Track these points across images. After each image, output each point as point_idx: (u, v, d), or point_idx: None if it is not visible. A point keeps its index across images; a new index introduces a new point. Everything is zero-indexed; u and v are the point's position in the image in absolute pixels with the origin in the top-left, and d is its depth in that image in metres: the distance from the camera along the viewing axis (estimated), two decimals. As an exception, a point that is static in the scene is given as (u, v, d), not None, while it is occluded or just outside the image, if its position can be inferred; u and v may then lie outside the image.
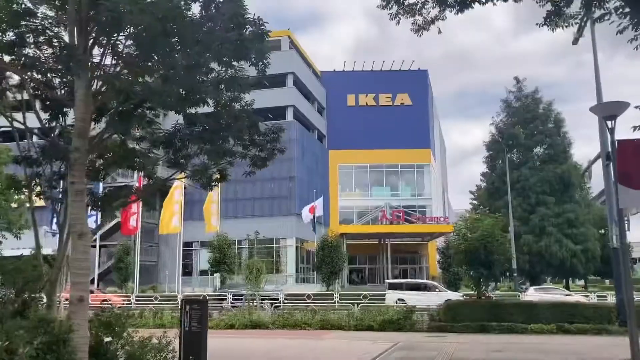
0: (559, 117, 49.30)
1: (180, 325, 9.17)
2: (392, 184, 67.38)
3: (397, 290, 32.25)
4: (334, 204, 64.70)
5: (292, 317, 20.55)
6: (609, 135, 11.59)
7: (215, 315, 21.93)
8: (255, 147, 9.99)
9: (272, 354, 13.62)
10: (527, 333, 18.32)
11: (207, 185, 10.55)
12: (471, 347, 15.20)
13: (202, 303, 9.11)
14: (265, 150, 10.09)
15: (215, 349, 13.76)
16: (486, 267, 19.64)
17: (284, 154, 10.34)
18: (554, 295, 32.32)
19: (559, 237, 44.46)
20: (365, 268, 67.20)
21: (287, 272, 51.96)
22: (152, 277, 53.23)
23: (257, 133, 9.85)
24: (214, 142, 9.63)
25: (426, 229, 58.09)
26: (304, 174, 55.72)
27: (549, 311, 19.15)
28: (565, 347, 15.10)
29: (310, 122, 61.20)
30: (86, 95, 8.58)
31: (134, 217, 46.94)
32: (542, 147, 48.98)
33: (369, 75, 69.26)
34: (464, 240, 20.01)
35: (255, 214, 53.14)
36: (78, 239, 8.23)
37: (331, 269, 43.33)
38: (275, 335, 18.17)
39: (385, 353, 13.59)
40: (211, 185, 10.60)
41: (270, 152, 10.10)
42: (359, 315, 20.64)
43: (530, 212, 46.27)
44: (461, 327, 19.03)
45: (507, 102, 50.79)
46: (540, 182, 46.33)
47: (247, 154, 10.02)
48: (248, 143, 9.88)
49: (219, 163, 10.18)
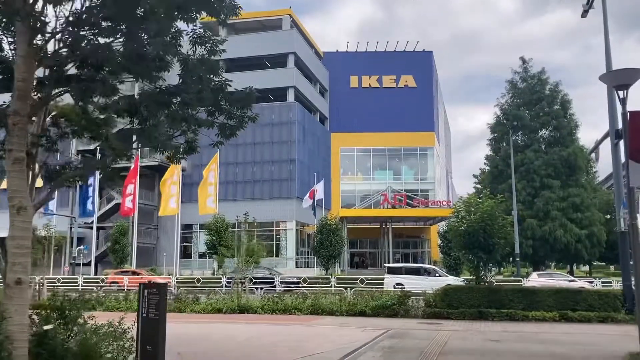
0: (565, 98, 47.91)
1: (138, 311, 8.25)
2: (395, 167, 66.53)
3: (396, 275, 31.54)
4: (336, 187, 63.97)
5: (282, 302, 19.66)
6: (620, 106, 10.51)
7: (203, 299, 21.09)
8: (222, 114, 8.92)
9: (250, 342, 12.71)
10: (528, 321, 17.39)
11: (174, 158, 9.56)
12: (466, 335, 14.27)
13: (161, 287, 8.17)
14: (234, 117, 9.03)
15: (190, 337, 12.94)
16: (486, 251, 18.65)
17: (255, 122, 9.26)
18: (558, 281, 31.40)
19: (563, 222, 43.40)
20: (366, 252, 66.66)
21: (287, 255, 51.49)
22: (151, 259, 52.80)
23: (224, 98, 8.77)
24: (172, 107, 8.60)
25: (428, 212, 57.29)
26: (304, 156, 54.87)
27: (551, 298, 18.15)
28: (568, 337, 14.15)
29: (311, 103, 60.22)
30: (27, 51, 7.60)
31: (130, 198, 46.38)
32: (547, 130, 47.71)
33: (373, 57, 68.04)
34: (463, 222, 19.03)
35: (255, 197, 52.56)
36: (17, 214, 7.29)
37: (330, 253, 42.48)
38: (261, 321, 17.28)
39: (372, 342, 12.66)
40: (178, 157, 9.59)
41: (240, 120, 9.04)
42: (352, 300, 19.70)
43: (535, 196, 45.20)
44: (458, 313, 18.10)
45: (513, 83, 49.43)
46: (545, 165, 45.18)
47: (214, 121, 8.94)
48: (213, 109, 8.79)
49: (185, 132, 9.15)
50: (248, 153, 53.55)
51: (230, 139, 9.52)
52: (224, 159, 52.34)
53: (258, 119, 9.13)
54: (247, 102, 8.80)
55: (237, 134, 9.06)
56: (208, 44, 9.01)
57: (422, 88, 67.16)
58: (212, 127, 8.86)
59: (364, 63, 67.41)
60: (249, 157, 53.47)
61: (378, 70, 67.10)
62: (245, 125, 9.03)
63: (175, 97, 8.48)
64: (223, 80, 8.59)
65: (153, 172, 53.47)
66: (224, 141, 9.17)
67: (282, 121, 53.55)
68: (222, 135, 9.05)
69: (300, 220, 52.44)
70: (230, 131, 8.96)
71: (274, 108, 54.18)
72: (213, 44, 9.06)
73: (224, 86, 8.59)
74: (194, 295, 21.50)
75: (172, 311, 20.10)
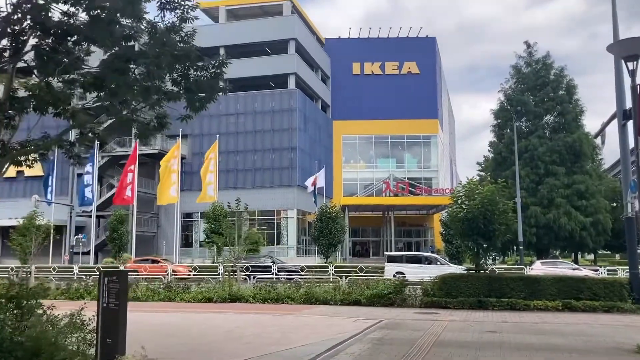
0: (571, 83, 46.90)
1: (98, 300, 7.55)
2: (398, 155, 65.70)
3: (397, 263, 30.88)
4: (338, 175, 63.28)
5: (275, 291, 18.98)
6: (630, 79, 9.68)
7: (194, 288, 20.44)
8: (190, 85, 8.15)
9: (231, 334, 11.98)
10: (529, 310, 16.63)
11: (143, 135, 8.84)
12: (463, 326, 13.53)
13: (121, 274, 7.47)
14: (203, 89, 8.25)
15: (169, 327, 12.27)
16: (485, 238, 17.88)
17: (227, 95, 8.50)
18: (562, 269, 30.66)
19: (568, 209, 42.59)
20: (369, 241, 66.00)
21: (288, 244, 50.98)
22: (152, 247, 52.37)
23: (192, 66, 8.00)
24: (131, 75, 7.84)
25: (430, 200, 56.55)
26: (306, 144, 54.15)
27: (554, 286, 17.34)
28: (571, 328, 13.38)
29: (313, 91, 59.38)
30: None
31: (129, 187, 45.84)
32: (552, 115, 46.78)
33: (376, 43, 67.02)
34: (462, 208, 18.26)
35: (256, 185, 52.00)
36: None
37: (330, 241, 41.75)
38: (251, 310, 16.61)
39: (361, 333, 11.93)
40: (147, 134, 8.86)
41: (211, 92, 8.26)
42: (347, 289, 18.97)
43: (539, 183, 44.38)
44: (456, 302, 17.36)
45: (517, 67, 48.40)
46: (549, 152, 44.31)
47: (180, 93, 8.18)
48: (179, 78, 8.03)
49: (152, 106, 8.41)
50: (249, 141, 52.87)
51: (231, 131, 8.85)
52: (224, 147, 51.78)
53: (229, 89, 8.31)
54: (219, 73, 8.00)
55: (207, 106, 8.24)
56: (178, 10, 8.25)
57: (426, 75, 66.14)
58: (179, 99, 8.08)
59: (367, 50, 66.38)
60: (250, 145, 52.79)
61: (381, 57, 66.10)
62: (216, 98, 8.24)
63: (133, 64, 7.71)
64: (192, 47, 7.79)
65: (153, 160, 52.92)
66: (193, 115, 8.37)
67: (282, 108, 52.79)
68: (191, 108, 8.29)
69: (301, 209, 51.84)
70: (200, 104, 8.17)
71: (275, 95, 53.46)
72: (184, 10, 8.30)
73: (191, 53, 7.79)
74: (185, 283, 20.85)
75: (162, 300, 19.54)
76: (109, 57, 7.93)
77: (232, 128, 53.23)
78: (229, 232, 20.92)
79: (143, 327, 11.72)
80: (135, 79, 7.92)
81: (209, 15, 61.81)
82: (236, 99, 53.41)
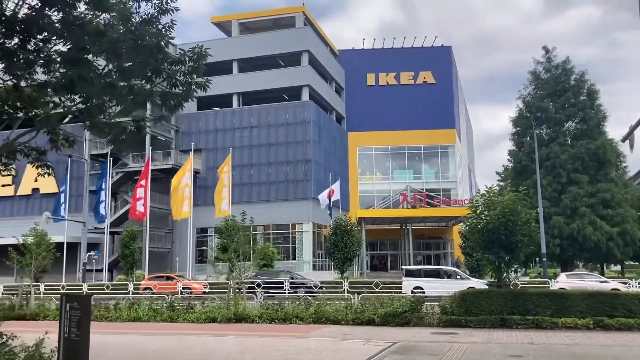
0: (592, 88, 45.39)
1: (60, 330, 6.55)
2: (415, 166, 64.51)
3: (415, 278, 29.66)
4: (354, 188, 62.22)
5: (282, 310, 17.83)
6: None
7: (198, 307, 19.41)
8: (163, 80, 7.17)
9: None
10: (557, 329, 15.26)
11: (116, 141, 7.90)
12: (484, 349, 12.26)
13: (83, 300, 6.46)
14: (179, 85, 7.27)
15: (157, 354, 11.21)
16: (507, 250, 16.59)
17: (206, 91, 7.49)
18: (589, 282, 29.09)
19: (593, 219, 40.95)
20: (387, 254, 64.57)
21: (303, 258, 49.86)
22: (166, 264, 51.58)
23: (165, 59, 7.02)
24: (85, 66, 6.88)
25: (449, 212, 55.03)
26: (320, 156, 53.25)
27: (584, 302, 15.93)
28: (607, 351, 12.00)
29: (327, 102, 58.61)
30: None
31: (141, 202, 45.28)
32: (573, 122, 45.28)
33: (390, 53, 66.16)
34: (481, 219, 17.04)
35: (271, 199, 51.19)
36: None
37: (345, 255, 40.48)
38: (255, 332, 15.47)
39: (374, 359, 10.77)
40: (121, 139, 7.92)
41: (188, 88, 7.27)
42: (359, 307, 17.77)
43: (561, 192, 42.84)
44: (477, 321, 16.05)
45: (536, 73, 47.04)
46: (571, 160, 42.79)
47: (153, 90, 7.20)
48: (150, 73, 7.05)
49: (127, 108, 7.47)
50: (262, 154, 52.19)
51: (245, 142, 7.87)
52: (238, 161, 51.17)
53: (209, 87, 7.31)
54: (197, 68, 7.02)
55: (184, 105, 7.26)
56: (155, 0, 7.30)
57: (442, 84, 65.00)
58: (150, 96, 7.11)
59: (381, 60, 65.52)
60: (264, 158, 52.09)
61: (395, 67, 65.18)
62: (192, 95, 7.26)
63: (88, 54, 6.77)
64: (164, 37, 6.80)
65: (167, 175, 52.46)
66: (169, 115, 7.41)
67: (296, 121, 52.02)
68: (166, 107, 7.30)
69: (316, 222, 50.82)
70: (177, 102, 7.19)
71: (288, 107, 52.78)
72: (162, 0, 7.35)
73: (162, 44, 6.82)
74: (189, 302, 19.84)
75: (164, 320, 18.56)
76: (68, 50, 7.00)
77: (245, 141, 52.64)
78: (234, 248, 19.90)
79: (133, 353, 10.73)
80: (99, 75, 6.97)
81: (222, 29, 61.62)
82: (249, 112, 52.94)
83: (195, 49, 7.20)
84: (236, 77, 54.42)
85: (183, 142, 54.16)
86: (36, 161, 8.20)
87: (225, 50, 54.80)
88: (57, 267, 39.84)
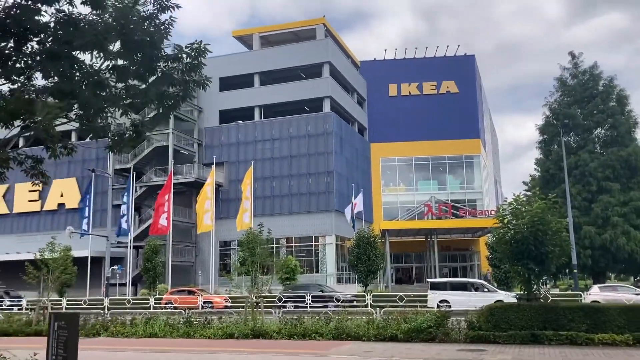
0: (622, 94, 44.14)
1: (48, 352, 6.07)
2: (439, 177, 63.53)
3: (440, 291, 28.87)
4: (377, 199, 61.45)
5: (302, 325, 17.19)
6: None
7: (216, 322, 18.91)
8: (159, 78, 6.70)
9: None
10: (593, 345, 14.31)
11: (118, 147, 7.45)
12: (515, 367, 11.51)
13: (70, 319, 5.97)
14: (176, 83, 6.79)
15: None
16: (537, 262, 15.70)
17: (206, 91, 7.04)
18: (624, 294, 27.81)
19: (626, 229, 39.60)
20: (412, 267, 63.45)
21: (327, 271, 49.19)
22: (189, 277, 51.46)
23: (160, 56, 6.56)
24: (67, 61, 6.45)
25: (475, 223, 53.85)
26: (342, 168, 52.73)
27: (621, 317, 14.93)
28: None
29: (349, 114, 58.14)
30: None
31: (164, 215, 45.22)
32: (603, 128, 44.04)
33: (412, 63, 65.56)
34: (509, 228, 16.24)
35: (293, 211, 50.81)
36: None
37: (368, 268, 39.69)
38: (272, 349, 14.85)
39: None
40: (122, 146, 7.47)
41: (186, 87, 6.78)
42: (382, 322, 17.03)
43: (591, 201, 41.55)
44: (506, 337, 15.16)
45: (562, 80, 45.94)
46: (602, 167, 41.53)
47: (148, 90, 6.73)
48: (142, 70, 6.58)
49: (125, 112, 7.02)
50: (284, 166, 51.94)
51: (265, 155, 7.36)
52: (259, 174, 50.98)
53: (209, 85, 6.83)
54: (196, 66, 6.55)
55: (181, 105, 6.79)
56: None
57: (465, 93, 64.03)
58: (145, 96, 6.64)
59: (403, 70, 64.91)
60: (285, 170, 51.81)
61: (418, 77, 64.49)
62: (190, 94, 6.78)
63: (72, 49, 6.33)
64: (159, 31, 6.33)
65: (190, 189, 52.52)
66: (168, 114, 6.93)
67: (318, 132, 51.68)
68: (162, 107, 6.84)
69: (340, 234, 50.21)
70: (175, 102, 6.72)
71: (310, 119, 52.49)
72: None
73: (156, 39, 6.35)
74: (206, 317, 19.34)
75: (181, 336, 18.09)
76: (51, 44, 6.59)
77: (267, 154, 52.50)
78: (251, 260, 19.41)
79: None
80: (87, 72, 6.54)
81: (243, 43, 61.80)
82: (271, 125, 52.82)
83: (194, 44, 6.74)
84: (258, 90, 54.40)
85: (206, 155, 54.27)
86: (31, 170, 7.81)
87: (246, 64, 54.92)
88: (81, 281, 39.92)
